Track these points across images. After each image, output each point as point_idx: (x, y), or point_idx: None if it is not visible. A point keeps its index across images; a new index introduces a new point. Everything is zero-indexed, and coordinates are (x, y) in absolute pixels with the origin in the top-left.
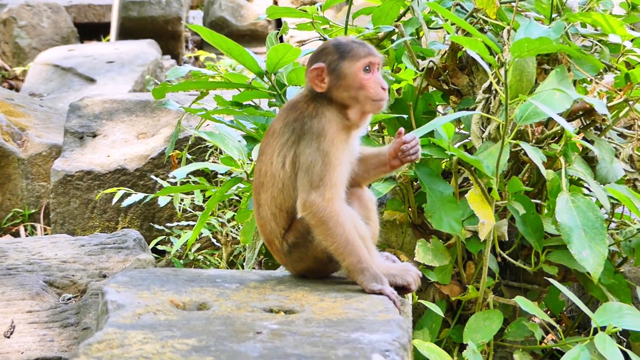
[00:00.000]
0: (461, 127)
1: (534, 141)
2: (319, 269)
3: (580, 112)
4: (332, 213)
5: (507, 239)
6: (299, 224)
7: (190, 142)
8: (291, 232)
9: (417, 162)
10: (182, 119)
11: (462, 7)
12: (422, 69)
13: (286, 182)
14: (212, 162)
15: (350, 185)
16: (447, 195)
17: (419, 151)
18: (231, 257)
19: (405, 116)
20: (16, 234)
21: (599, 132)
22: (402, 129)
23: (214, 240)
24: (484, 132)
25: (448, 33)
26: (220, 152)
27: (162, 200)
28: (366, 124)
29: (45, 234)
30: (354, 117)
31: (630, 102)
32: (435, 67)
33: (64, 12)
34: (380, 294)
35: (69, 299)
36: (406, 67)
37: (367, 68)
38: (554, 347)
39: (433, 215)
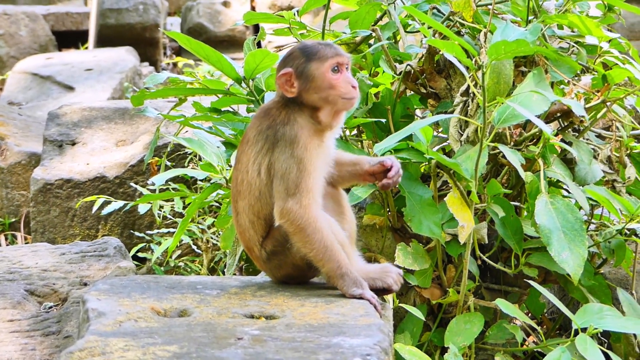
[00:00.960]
0: (439, 130)
1: (512, 143)
2: (298, 275)
3: (558, 114)
4: (309, 219)
5: (486, 242)
6: (277, 232)
7: (169, 149)
8: (269, 240)
9: None
10: (161, 125)
11: (439, 11)
12: (400, 73)
13: (262, 190)
14: (192, 168)
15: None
16: (426, 199)
17: (398, 181)
18: (212, 264)
19: (384, 120)
20: None
21: (577, 134)
22: (387, 163)
23: (194, 247)
24: (462, 135)
25: (425, 36)
26: (200, 159)
27: (142, 208)
28: (340, 124)
29: (25, 243)
30: (326, 118)
31: (608, 103)
32: (412, 71)
33: (41, 21)
34: (361, 298)
35: (50, 307)
36: (384, 71)
37: (336, 68)
38: (535, 349)
39: (412, 219)
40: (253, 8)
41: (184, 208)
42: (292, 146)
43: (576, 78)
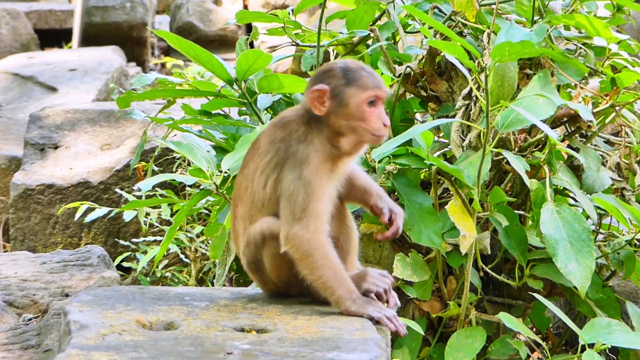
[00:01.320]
0: (440, 135)
1: (516, 149)
2: (283, 292)
3: (565, 119)
4: (317, 245)
5: (489, 253)
6: (253, 247)
7: (156, 153)
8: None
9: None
10: (148, 129)
11: (440, 10)
12: (399, 75)
13: (266, 204)
14: (180, 174)
15: None
16: (426, 207)
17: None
18: (200, 274)
19: None
20: None
21: (584, 140)
22: (385, 218)
23: (182, 257)
24: (464, 140)
25: (425, 37)
26: (189, 164)
27: (128, 215)
28: (360, 153)
29: (4, 251)
30: (347, 146)
31: (617, 108)
32: (412, 73)
33: (23, 18)
34: (378, 322)
35: (30, 319)
36: (382, 73)
37: (372, 101)
38: None
39: (412, 228)
40: (246, 7)
41: (171, 215)
42: (302, 167)
43: (583, 81)
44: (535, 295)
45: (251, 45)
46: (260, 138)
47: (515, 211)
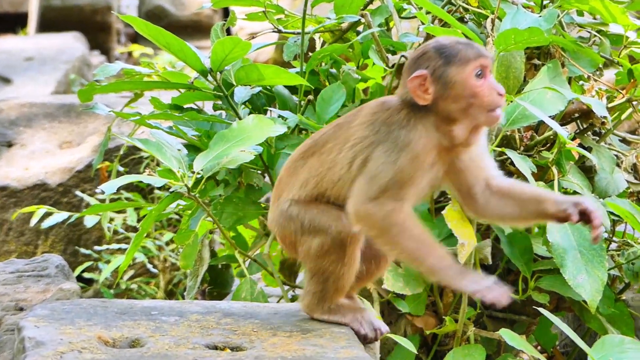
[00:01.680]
0: None
1: (522, 149)
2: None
3: (576, 115)
4: (392, 221)
5: (490, 263)
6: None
7: (122, 152)
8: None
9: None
10: (113, 125)
11: None
12: (393, 66)
13: (344, 179)
14: (148, 175)
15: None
16: (421, 212)
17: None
18: (170, 286)
19: None
20: None
21: (597, 138)
22: (576, 217)
23: (149, 267)
24: None
25: (422, 23)
26: (157, 164)
27: (90, 221)
28: (478, 141)
29: None
30: (462, 134)
31: (634, 103)
32: None
33: None
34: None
35: None
36: (374, 64)
37: (479, 72)
38: None
39: None
40: None
41: (138, 221)
42: (399, 153)
43: (598, 73)
44: (541, 309)
45: (228, 31)
46: (365, 109)
47: None
